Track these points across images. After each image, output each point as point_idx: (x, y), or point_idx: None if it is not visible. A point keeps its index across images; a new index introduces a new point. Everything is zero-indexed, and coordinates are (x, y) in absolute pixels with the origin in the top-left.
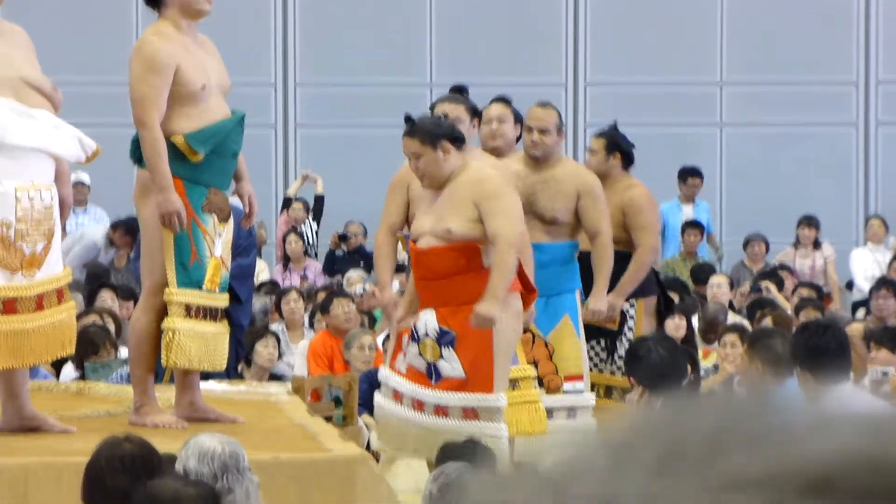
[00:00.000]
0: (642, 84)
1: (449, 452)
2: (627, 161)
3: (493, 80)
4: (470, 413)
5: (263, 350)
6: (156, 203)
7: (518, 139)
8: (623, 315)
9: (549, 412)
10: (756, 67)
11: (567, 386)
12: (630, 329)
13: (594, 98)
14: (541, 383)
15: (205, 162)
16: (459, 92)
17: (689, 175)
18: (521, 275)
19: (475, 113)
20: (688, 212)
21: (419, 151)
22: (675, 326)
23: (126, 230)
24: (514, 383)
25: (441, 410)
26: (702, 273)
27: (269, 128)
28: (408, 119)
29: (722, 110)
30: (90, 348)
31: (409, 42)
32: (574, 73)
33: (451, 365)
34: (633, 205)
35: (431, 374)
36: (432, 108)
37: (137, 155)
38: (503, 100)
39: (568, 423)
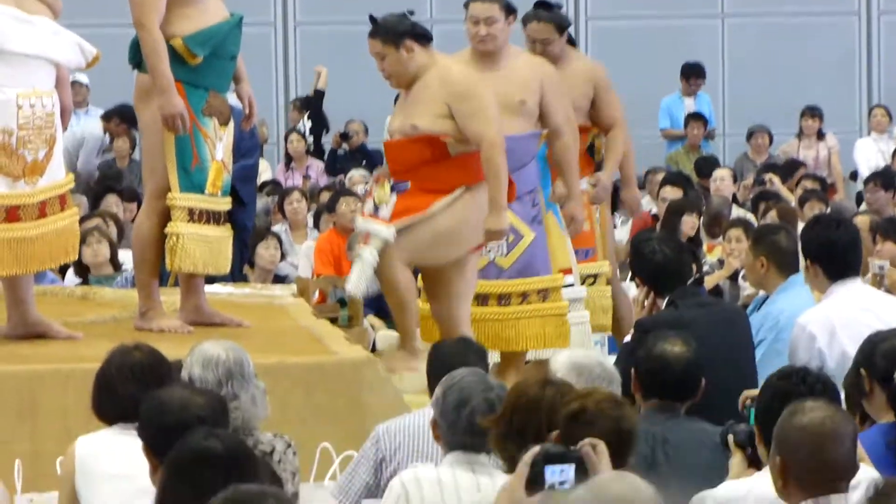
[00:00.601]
0: None
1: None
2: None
3: None
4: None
5: (265, 252)
6: (157, 105)
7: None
8: None
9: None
10: None
11: None
12: None
13: None
14: None
15: (203, 64)
16: None
17: (691, 74)
18: None
19: (509, 11)
20: (689, 104)
21: (382, 52)
22: (691, 225)
23: (121, 118)
24: (544, 294)
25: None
26: (706, 166)
27: (269, 26)
28: (371, 19)
29: (723, 1)
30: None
31: None
32: None
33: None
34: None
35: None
36: (466, 5)
37: (137, 58)
38: None
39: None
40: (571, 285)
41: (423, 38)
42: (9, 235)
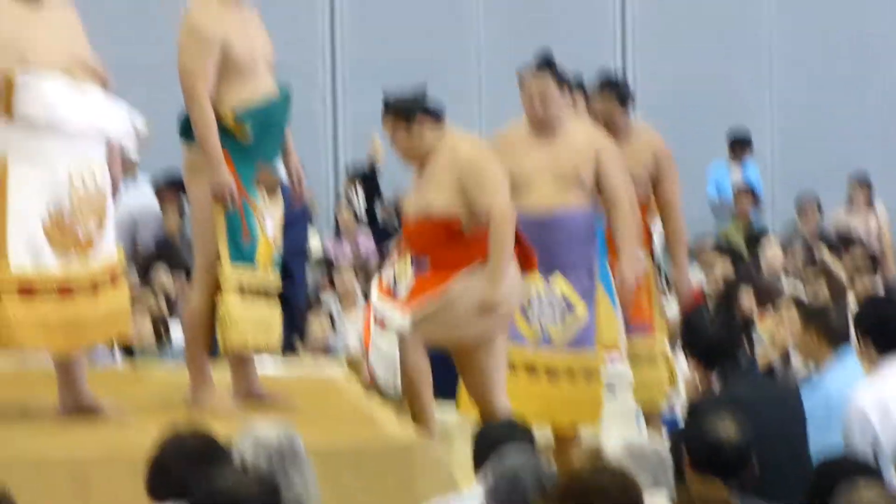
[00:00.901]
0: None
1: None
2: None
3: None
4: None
5: (317, 325)
6: (207, 180)
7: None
8: None
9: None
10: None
11: (605, 358)
12: None
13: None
14: None
15: (253, 138)
16: (547, 66)
17: (737, 146)
18: (519, 243)
19: (562, 83)
20: (736, 172)
21: (393, 128)
22: (749, 300)
23: (167, 186)
24: (589, 373)
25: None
26: (755, 241)
27: (318, 98)
28: (385, 100)
29: (772, 68)
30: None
31: (458, 9)
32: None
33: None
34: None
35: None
36: (520, 81)
37: (186, 130)
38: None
39: (608, 406)
40: (619, 367)
41: (436, 115)
42: (62, 312)
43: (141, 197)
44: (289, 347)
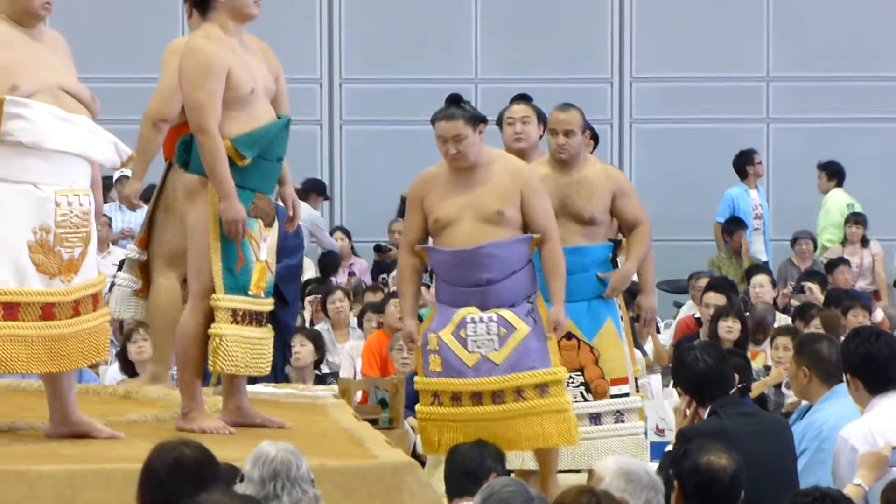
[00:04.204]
0: (688, 79)
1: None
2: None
3: (538, 77)
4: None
5: (300, 349)
6: (220, 210)
7: (540, 138)
8: None
9: (598, 417)
10: (803, 62)
11: (613, 390)
12: None
13: (640, 93)
14: (588, 389)
15: (251, 166)
16: (524, 99)
17: (746, 160)
18: None
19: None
20: (755, 196)
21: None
22: (727, 329)
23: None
24: (542, 388)
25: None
26: (756, 272)
27: (315, 124)
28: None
29: (769, 105)
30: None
31: (454, 38)
32: (619, 69)
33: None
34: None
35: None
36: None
37: (184, 158)
38: (525, 98)
39: (616, 427)
40: (627, 395)
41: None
42: (44, 333)
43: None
44: (280, 372)
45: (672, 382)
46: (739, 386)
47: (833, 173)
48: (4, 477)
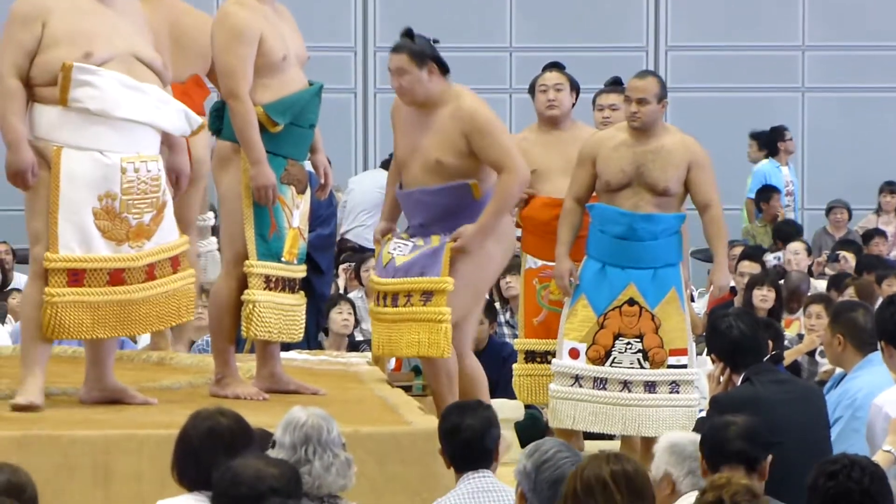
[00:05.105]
0: (722, 48)
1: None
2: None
3: (573, 45)
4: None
5: (338, 317)
6: (250, 176)
7: (573, 106)
8: None
9: (653, 386)
10: (839, 32)
11: (671, 360)
12: None
13: (675, 62)
14: (646, 356)
15: (283, 133)
16: (557, 66)
17: (777, 136)
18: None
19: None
20: (787, 172)
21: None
22: (762, 297)
23: None
24: (428, 296)
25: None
26: (785, 230)
27: (350, 92)
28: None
29: (804, 75)
30: None
31: (489, 6)
32: (655, 38)
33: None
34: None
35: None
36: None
37: (216, 125)
38: (558, 66)
39: (670, 397)
40: (685, 366)
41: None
42: (112, 298)
43: None
44: (313, 339)
45: (706, 350)
46: (772, 353)
47: (763, 143)
48: (38, 442)
